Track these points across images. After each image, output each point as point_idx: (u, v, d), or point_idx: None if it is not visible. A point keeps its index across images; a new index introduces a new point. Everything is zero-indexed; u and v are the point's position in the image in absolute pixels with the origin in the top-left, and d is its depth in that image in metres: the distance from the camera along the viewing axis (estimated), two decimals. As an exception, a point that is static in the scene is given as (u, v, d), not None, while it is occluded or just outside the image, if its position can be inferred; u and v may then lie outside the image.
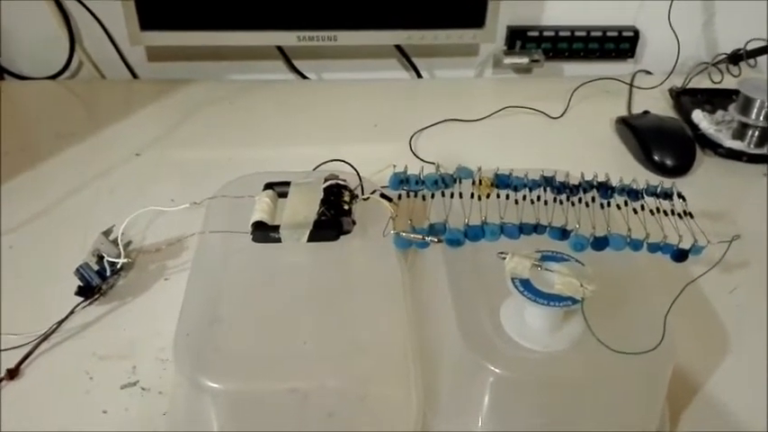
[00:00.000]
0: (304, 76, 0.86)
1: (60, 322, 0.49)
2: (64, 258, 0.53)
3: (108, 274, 0.51)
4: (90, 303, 0.50)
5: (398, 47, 0.84)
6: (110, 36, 0.81)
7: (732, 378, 0.47)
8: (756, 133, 0.70)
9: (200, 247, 0.47)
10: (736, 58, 0.76)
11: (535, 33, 0.84)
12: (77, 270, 0.50)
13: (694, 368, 0.47)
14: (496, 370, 0.37)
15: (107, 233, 0.52)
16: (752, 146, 0.70)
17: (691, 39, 0.86)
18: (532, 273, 0.38)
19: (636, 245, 0.45)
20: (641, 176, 0.66)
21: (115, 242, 0.51)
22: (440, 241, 0.44)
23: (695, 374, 0.47)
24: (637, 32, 0.85)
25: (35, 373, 0.46)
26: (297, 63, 0.85)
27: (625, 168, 0.69)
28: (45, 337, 0.48)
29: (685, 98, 0.78)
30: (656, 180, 0.66)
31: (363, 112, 0.77)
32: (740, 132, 0.71)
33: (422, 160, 0.68)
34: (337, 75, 0.87)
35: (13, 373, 0.45)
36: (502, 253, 0.39)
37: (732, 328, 0.51)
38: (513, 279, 0.38)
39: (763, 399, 0.46)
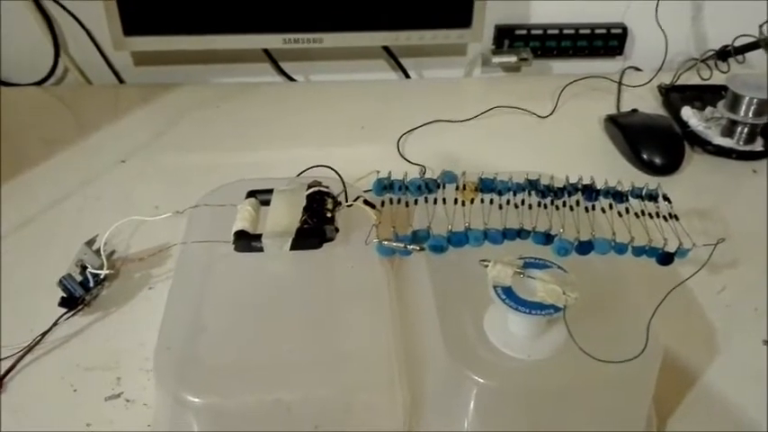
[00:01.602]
0: (291, 79, 0.86)
1: (44, 334, 0.48)
2: (47, 268, 0.52)
3: (91, 284, 0.50)
4: (74, 314, 0.50)
5: (386, 47, 0.84)
6: (95, 41, 0.81)
7: (721, 378, 0.47)
8: (745, 130, 0.69)
9: (182, 257, 0.47)
10: (724, 54, 0.76)
11: (523, 32, 0.84)
12: (60, 281, 0.50)
13: (683, 369, 0.47)
14: (480, 380, 0.37)
15: (90, 243, 0.52)
16: (741, 143, 0.70)
17: (679, 35, 0.85)
18: (515, 280, 0.38)
19: (621, 249, 0.44)
20: (630, 175, 0.67)
21: (98, 252, 0.51)
22: (422, 249, 0.43)
23: (684, 375, 0.47)
24: (625, 29, 0.85)
25: (19, 386, 0.46)
26: (284, 65, 0.85)
27: (614, 167, 0.69)
28: (29, 349, 0.48)
29: (674, 95, 0.78)
30: (644, 179, 0.66)
31: (351, 114, 0.77)
32: (729, 129, 0.70)
33: (409, 162, 0.68)
34: (325, 76, 0.86)
35: (-4, 387, 0.45)
36: (484, 260, 0.39)
37: (720, 328, 0.51)
38: (495, 287, 0.38)
39: (753, 398, 0.45)
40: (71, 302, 0.50)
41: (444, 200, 0.47)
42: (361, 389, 0.41)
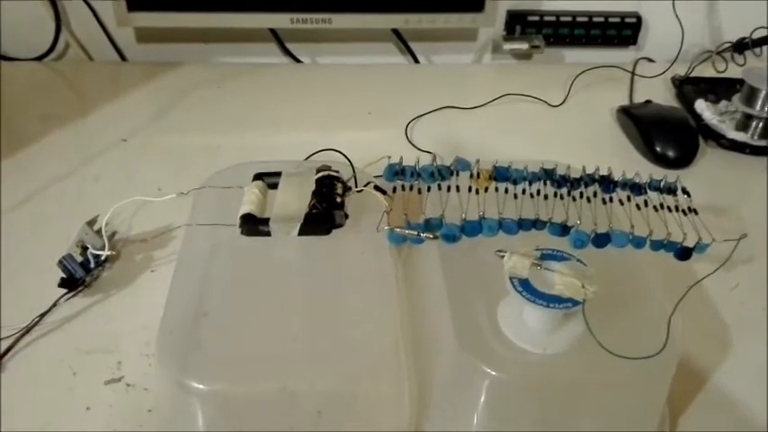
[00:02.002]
0: (297, 60, 0.84)
1: (43, 315, 0.47)
2: (47, 248, 0.51)
3: (92, 265, 0.49)
4: (74, 295, 0.49)
5: (395, 31, 0.82)
6: (97, 16, 0.79)
7: (734, 376, 0.46)
8: (760, 125, 0.68)
9: (187, 239, 0.46)
10: (741, 46, 0.74)
11: (536, 18, 0.82)
12: (60, 261, 0.48)
13: (696, 366, 0.46)
14: (492, 372, 0.36)
15: (91, 223, 0.51)
16: (755, 137, 0.69)
17: (695, 26, 0.84)
18: (532, 272, 0.37)
19: (638, 242, 0.43)
20: (642, 168, 0.65)
21: (99, 233, 0.50)
22: (435, 237, 0.42)
23: (697, 373, 0.46)
24: (640, 19, 0.83)
25: (17, 368, 0.44)
26: (290, 46, 0.83)
27: (626, 159, 0.67)
28: (27, 330, 0.46)
29: (688, 87, 0.76)
30: (657, 172, 0.65)
31: (358, 99, 0.75)
32: (744, 123, 0.69)
33: (418, 149, 0.66)
34: (332, 59, 0.85)
35: (-7, 368, 0.44)
36: (500, 251, 0.38)
37: (734, 326, 0.50)
38: (511, 278, 0.37)
39: (765, 398, 0.44)
40: (71, 283, 0.48)
41: (458, 188, 0.45)
42: (367, 378, 0.40)
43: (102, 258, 0.49)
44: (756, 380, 0.46)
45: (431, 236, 0.42)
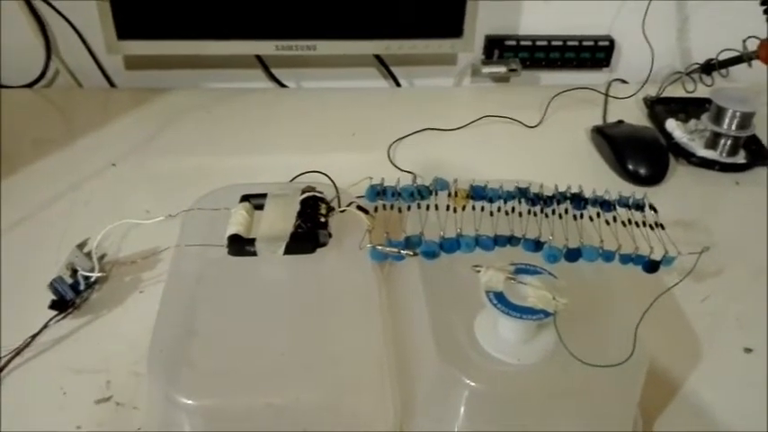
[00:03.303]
0: (283, 85, 0.86)
1: (34, 336, 0.48)
2: (37, 271, 0.52)
3: (82, 287, 0.50)
4: (64, 317, 0.50)
5: (377, 56, 0.85)
6: (86, 44, 0.81)
7: (705, 384, 0.48)
8: (728, 142, 0.71)
9: (176, 260, 0.47)
10: (708, 67, 0.77)
11: (513, 42, 0.85)
12: (51, 284, 0.50)
13: (668, 375, 0.48)
14: (471, 383, 0.38)
15: (81, 246, 0.52)
16: (724, 155, 0.71)
17: (665, 48, 0.87)
18: (506, 285, 0.39)
19: (608, 256, 0.45)
20: (616, 186, 0.68)
21: (89, 255, 0.51)
22: (415, 254, 0.44)
23: (669, 381, 0.48)
24: (612, 42, 0.87)
25: (8, 389, 0.45)
26: (275, 71, 0.85)
27: (600, 178, 0.70)
28: (18, 351, 0.47)
29: (659, 107, 0.79)
30: (630, 189, 0.67)
31: (342, 121, 0.78)
32: (713, 141, 0.72)
33: (400, 170, 0.68)
34: (316, 83, 0.87)
35: (-16, 390, 0.45)
36: (476, 266, 0.40)
37: (704, 336, 0.52)
38: (487, 292, 0.39)
39: (735, 405, 0.46)
40: (61, 305, 0.50)
41: (437, 206, 0.47)
42: (351, 392, 0.41)
43: (92, 280, 0.51)
44: (726, 387, 0.48)
45: (411, 253, 0.44)
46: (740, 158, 0.71)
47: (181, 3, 0.71)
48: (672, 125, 0.75)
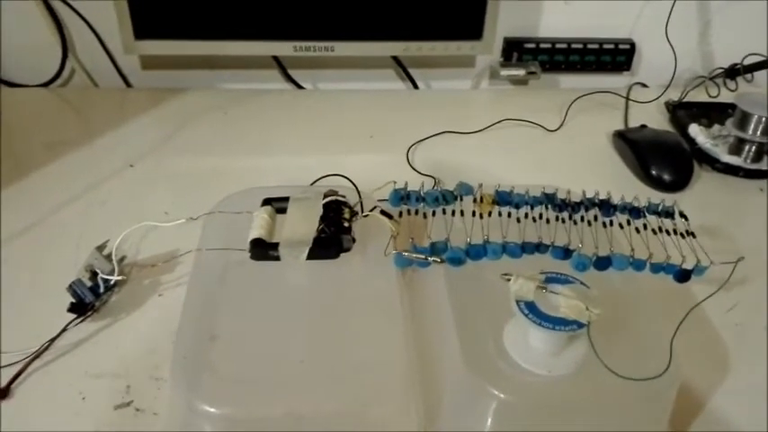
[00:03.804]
0: (300, 86, 0.85)
1: (52, 340, 0.48)
2: (56, 273, 0.52)
3: (101, 290, 0.50)
4: (83, 320, 0.49)
5: (395, 57, 0.84)
6: (103, 44, 0.80)
7: (734, 396, 0.47)
8: (753, 148, 0.70)
9: (197, 263, 0.47)
10: (733, 72, 0.76)
11: (532, 45, 0.84)
12: (70, 286, 0.49)
13: (696, 387, 0.47)
14: (500, 394, 0.37)
15: (101, 248, 0.51)
16: (748, 161, 0.70)
17: (687, 52, 0.86)
18: (537, 295, 0.38)
19: (639, 265, 0.44)
20: (638, 191, 0.67)
21: (109, 258, 0.50)
22: (442, 261, 0.43)
23: (697, 393, 0.47)
24: (633, 45, 0.85)
25: (26, 393, 0.45)
26: (292, 73, 0.84)
27: (622, 183, 0.69)
28: (37, 355, 0.47)
29: (681, 112, 0.78)
30: (653, 195, 0.66)
31: (359, 123, 0.77)
32: (737, 147, 0.70)
33: (419, 173, 0.68)
34: (333, 85, 0.86)
35: (2, 393, 0.44)
36: (506, 274, 0.39)
37: (731, 347, 0.50)
38: (517, 301, 0.38)
39: (765, 416, 0.45)
40: (80, 308, 0.49)
41: (462, 212, 0.47)
42: (375, 402, 0.40)
43: (112, 283, 0.50)
44: (755, 399, 0.47)
45: (438, 260, 0.43)
46: (765, 165, 0.70)
47: (198, 3, 0.71)
48: (695, 130, 0.74)
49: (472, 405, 0.39)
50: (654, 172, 0.68)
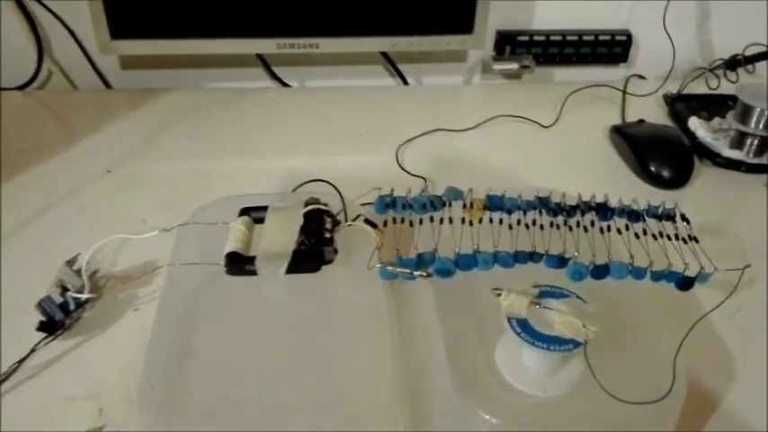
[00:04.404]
0: (286, 84, 0.83)
1: (21, 361, 0.45)
2: (28, 288, 0.49)
3: (72, 307, 0.47)
4: (53, 339, 0.47)
5: (384, 53, 0.81)
6: (80, 44, 0.77)
7: (741, 405, 0.44)
8: (755, 142, 0.67)
9: (170, 279, 0.44)
10: (733, 63, 0.73)
11: (525, 38, 0.81)
12: (39, 304, 0.47)
13: (701, 396, 0.44)
14: (492, 419, 0.34)
15: (71, 263, 0.49)
16: (751, 155, 0.67)
17: (686, 43, 0.83)
18: (530, 311, 0.35)
19: (638, 273, 0.42)
20: (637, 189, 0.65)
21: (79, 273, 0.48)
22: (429, 275, 0.41)
23: (703, 402, 0.44)
24: (630, 36, 0.83)
25: (-7, 418, 0.43)
26: (278, 70, 0.82)
27: (620, 180, 0.66)
28: (5, 377, 0.44)
29: (680, 105, 0.75)
30: (652, 192, 0.64)
31: (348, 122, 0.74)
32: (738, 141, 0.68)
33: (410, 174, 0.65)
34: (321, 82, 0.84)
35: (-33, 420, 0.42)
36: (496, 289, 0.36)
37: (738, 353, 0.48)
38: (509, 319, 0.35)
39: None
40: (50, 326, 0.46)
41: (451, 219, 0.44)
42: (361, 421, 0.38)
43: (83, 300, 0.48)
44: (762, 406, 0.44)
45: (424, 274, 0.41)
46: (767, 159, 0.68)
47: (176, 0, 0.68)
48: (695, 124, 0.71)
49: (462, 426, 0.37)
50: (653, 169, 0.65)
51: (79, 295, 0.47)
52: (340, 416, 0.37)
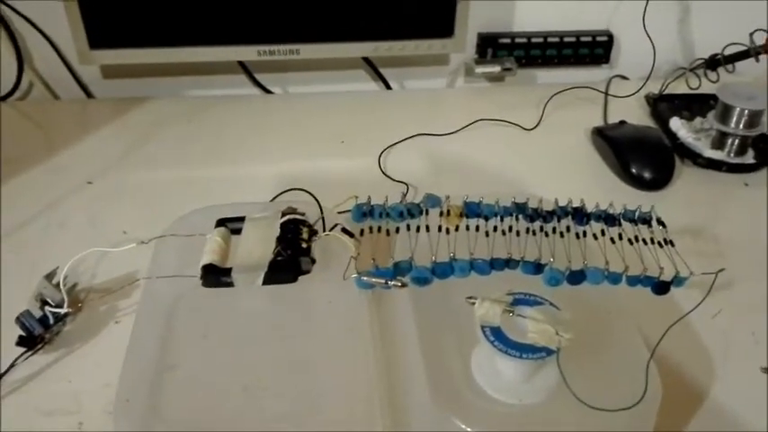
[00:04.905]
0: (268, 91, 0.82)
1: (0, 376, 0.45)
2: (6, 303, 0.49)
3: (51, 321, 0.47)
4: (33, 354, 0.47)
5: (366, 58, 0.81)
6: (60, 54, 0.77)
7: (721, 407, 0.45)
8: (736, 142, 0.67)
9: (147, 292, 0.44)
10: (713, 63, 0.74)
11: (507, 40, 0.81)
12: (18, 318, 0.46)
13: (682, 398, 0.45)
14: (468, 429, 0.34)
15: (50, 277, 0.49)
16: (732, 155, 0.68)
17: (667, 43, 0.83)
18: (504, 318, 0.36)
19: (615, 278, 0.42)
20: (619, 190, 0.65)
21: (58, 287, 0.48)
22: (404, 285, 0.41)
23: (683, 405, 0.44)
24: (611, 37, 0.83)
25: (-28, 435, 0.42)
26: (260, 77, 0.81)
27: (602, 183, 0.66)
28: (-17, 393, 0.44)
29: (663, 105, 0.76)
30: (633, 194, 0.64)
31: (331, 127, 0.74)
32: (720, 141, 0.68)
33: (392, 179, 0.65)
34: (303, 88, 0.83)
35: (-54, 437, 0.42)
36: (471, 297, 0.36)
37: (718, 355, 0.48)
38: (483, 327, 0.35)
39: (754, 425, 0.43)
40: (30, 341, 0.46)
41: (428, 227, 0.44)
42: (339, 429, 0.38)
43: (62, 314, 0.47)
44: (745, 409, 0.44)
45: (398, 284, 0.41)
46: (749, 158, 0.68)
47: (155, 9, 0.68)
48: (677, 124, 0.71)
49: (441, 435, 0.37)
50: (634, 170, 0.65)
51: (58, 309, 0.46)
52: (319, 426, 0.37)
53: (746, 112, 0.65)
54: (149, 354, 0.40)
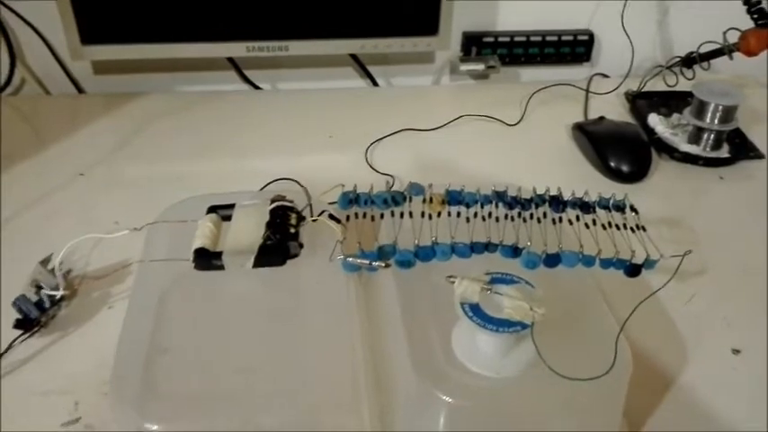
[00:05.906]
0: (257, 87, 0.84)
1: (-2, 357, 0.46)
2: (5, 288, 0.50)
3: (47, 305, 0.48)
4: (29, 336, 0.48)
5: (353, 55, 0.83)
6: (52, 50, 0.78)
7: (693, 387, 0.47)
8: (711, 137, 0.70)
9: (140, 276, 0.45)
10: (689, 61, 0.76)
11: (490, 39, 0.83)
12: (15, 302, 0.48)
13: (655, 379, 0.47)
14: (448, 399, 0.36)
15: (45, 262, 0.50)
16: (707, 149, 0.70)
17: (645, 41, 0.86)
18: (482, 296, 0.37)
19: (588, 261, 0.44)
20: (597, 183, 0.67)
21: (53, 272, 0.49)
22: (388, 266, 0.42)
23: (657, 385, 0.47)
24: (592, 36, 0.85)
25: (-30, 414, 0.44)
26: (249, 73, 0.83)
27: (582, 176, 0.68)
28: (-18, 374, 0.45)
29: (641, 102, 0.78)
30: (612, 187, 0.66)
31: (318, 123, 0.76)
32: (696, 136, 0.71)
33: (378, 172, 0.67)
34: (292, 84, 0.85)
35: (-56, 416, 0.43)
36: (451, 276, 0.38)
37: (691, 338, 0.50)
38: (462, 304, 0.37)
39: (725, 404, 0.45)
40: (26, 324, 0.48)
41: (411, 213, 0.46)
42: (327, 410, 0.40)
43: (57, 298, 0.49)
44: (715, 389, 0.47)
45: (383, 264, 0.42)
46: (724, 153, 0.70)
47: (146, 5, 0.69)
48: (654, 120, 0.74)
49: (424, 411, 0.39)
50: (612, 164, 0.68)
51: (54, 293, 0.48)
52: (307, 406, 0.39)
53: (721, 107, 0.68)
54: (143, 336, 0.41)
